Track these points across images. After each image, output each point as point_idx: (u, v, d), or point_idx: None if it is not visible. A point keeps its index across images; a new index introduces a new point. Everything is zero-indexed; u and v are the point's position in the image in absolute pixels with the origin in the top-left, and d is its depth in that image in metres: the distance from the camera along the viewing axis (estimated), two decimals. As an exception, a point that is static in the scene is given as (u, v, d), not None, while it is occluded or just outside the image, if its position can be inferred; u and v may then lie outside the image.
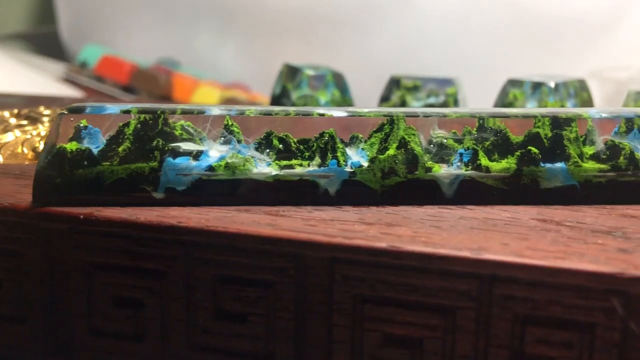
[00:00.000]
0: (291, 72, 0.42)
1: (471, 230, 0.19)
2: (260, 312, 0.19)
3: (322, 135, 0.22)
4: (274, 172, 0.21)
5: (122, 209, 0.20)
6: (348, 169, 0.21)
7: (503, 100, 0.39)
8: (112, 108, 0.21)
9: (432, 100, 0.39)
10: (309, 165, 0.21)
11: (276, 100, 0.42)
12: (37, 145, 0.29)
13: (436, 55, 0.91)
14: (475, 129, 0.22)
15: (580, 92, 0.39)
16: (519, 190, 0.22)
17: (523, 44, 0.86)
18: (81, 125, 0.21)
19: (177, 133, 0.21)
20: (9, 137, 0.30)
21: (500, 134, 0.22)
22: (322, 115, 0.22)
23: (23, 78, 0.86)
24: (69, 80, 0.95)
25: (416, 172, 0.21)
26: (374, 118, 0.22)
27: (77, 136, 0.21)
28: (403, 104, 0.40)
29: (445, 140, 0.22)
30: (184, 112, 0.22)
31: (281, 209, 0.21)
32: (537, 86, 0.38)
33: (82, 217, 0.20)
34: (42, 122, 0.30)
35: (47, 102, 0.38)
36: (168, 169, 0.21)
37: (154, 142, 0.21)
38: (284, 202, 0.21)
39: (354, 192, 0.21)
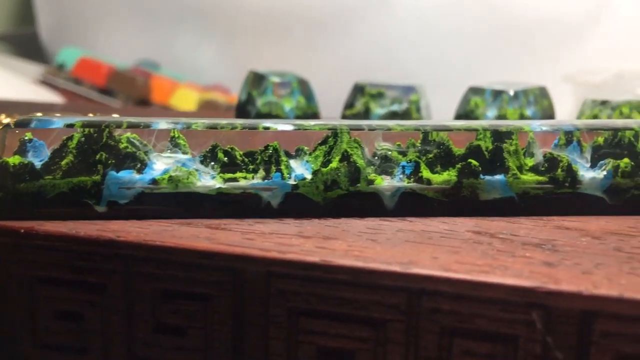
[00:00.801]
0: (256, 79, 0.42)
1: (405, 244, 0.19)
2: (198, 325, 0.19)
3: (266, 148, 0.22)
4: (218, 185, 0.21)
5: (63, 222, 0.20)
6: (291, 182, 0.22)
7: (464, 107, 0.39)
8: (58, 122, 0.22)
9: (395, 107, 0.40)
10: (253, 178, 0.22)
11: (242, 107, 0.42)
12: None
13: (412, 57, 0.91)
14: (419, 142, 0.23)
15: (540, 99, 0.40)
16: (459, 202, 0.22)
17: (499, 47, 0.87)
18: (26, 138, 0.21)
19: (122, 146, 0.21)
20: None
21: (443, 147, 0.22)
22: (267, 128, 0.22)
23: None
24: (47, 83, 0.94)
25: (358, 185, 0.22)
26: (319, 131, 0.22)
27: (21, 150, 0.21)
28: (367, 110, 0.40)
29: (389, 153, 0.22)
30: (130, 126, 0.22)
31: (223, 222, 0.21)
32: (497, 94, 0.38)
33: (22, 231, 0.20)
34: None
35: (16, 108, 0.38)
36: (111, 182, 0.21)
37: (97, 156, 0.21)
38: (227, 215, 0.21)
39: (297, 204, 0.21)
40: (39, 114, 0.23)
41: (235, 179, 0.22)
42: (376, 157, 0.22)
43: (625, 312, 0.16)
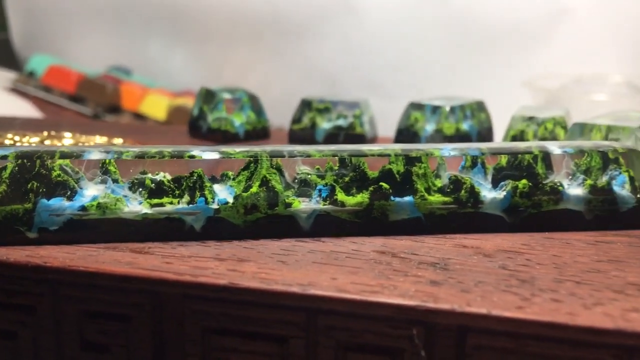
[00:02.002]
0: (208, 95, 0.43)
1: (312, 265, 0.21)
2: (121, 344, 0.21)
3: (191, 174, 0.24)
4: (144, 211, 0.23)
5: (-4, 249, 0.22)
6: (214, 206, 0.23)
7: (405, 122, 0.41)
8: (-8, 152, 0.23)
9: (341, 121, 0.42)
10: (178, 202, 0.23)
11: (194, 121, 0.44)
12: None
13: (377, 62, 0.93)
14: (336, 166, 0.24)
15: (477, 113, 0.42)
16: (370, 222, 0.24)
17: (460, 53, 0.89)
18: (-37, 168, 0.23)
19: (54, 174, 0.23)
20: None
21: (359, 170, 0.24)
22: (192, 157, 0.24)
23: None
24: (17, 90, 0.95)
25: (276, 208, 0.23)
26: (241, 159, 0.24)
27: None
28: (313, 125, 0.42)
29: (308, 177, 0.24)
30: (63, 156, 0.23)
31: (148, 245, 0.22)
32: (435, 109, 0.40)
33: (-43, 257, 0.21)
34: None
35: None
36: (41, 210, 0.22)
37: (29, 185, 0.23)
38: (152, 239, 0.23)
39: (218, 227, 0.23)
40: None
41: (161, 204, 0.23)
42: (296, 181, 0.24)
43: (494, 327, 0.18)
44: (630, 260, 0.22)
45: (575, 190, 0.25)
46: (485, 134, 0.42)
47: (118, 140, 0.39)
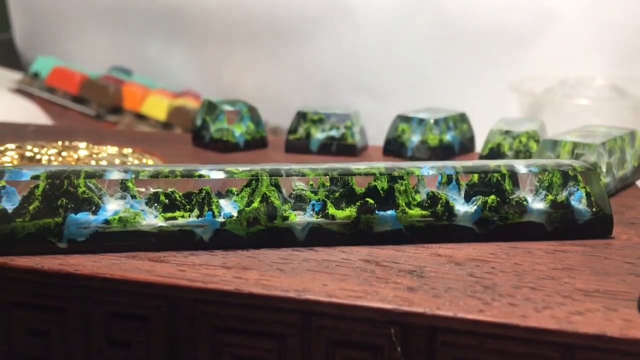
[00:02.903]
0: (210, 107, 0.47)
1: (306, 273, 0.24)
2: (141, 340, 0.24)
3: (200, 191, 0.27)
4: (160, 224, 0.26)
5: (31, 257, 0.25)
6: (220, 219, 0.27)
7: (393, 133, 0.45)
8: (26, 174, 0.26)
9: (333, 132, 0.45)
10: (189, 216, 0.27)
11: (197, 131, 0.47)
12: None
13: (371, 62, 0.96)
14: (328, 183, 0.28)
15: (460, 124, 0.45)
16: (357, 234, 0.27)
17: (452, 56, 0.92)
18: (0, 185, 0.26)
19: (80, 191, 0.26)
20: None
21: (347, 187, 0.28)
22: (201, 176, 0.27)
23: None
24: (21, 91, 0.98)
25: (275, 221, 0.27)
26: (243, 178, 0.27)
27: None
28: (308, 135, 0.45)
29: (303, 192, 0.27)
30: (88, 176, 0.26)
31: (163, 254, 0.26)
32: (421, 121, 0.44)
33: (-2, 265, 0.25)
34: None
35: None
36: (70, 223, 0.26)
37: (59, 201, 0.26)
38: (167, 248, 0.26)
39: (224, 238, 0.26)
40: (10, 165, 0.27)
41: (175, 218, 0.26)
42: (292, 196, 0.27)
43: (458, 327, 0.21)
44: (582, 268, 0.25)
45: (537, 204, 0.28)
46: (467, 144, 0.45)
47: (127, 150, 0.42)
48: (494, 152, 0.40)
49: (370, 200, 0.27)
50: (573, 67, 0.88)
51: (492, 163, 0.29)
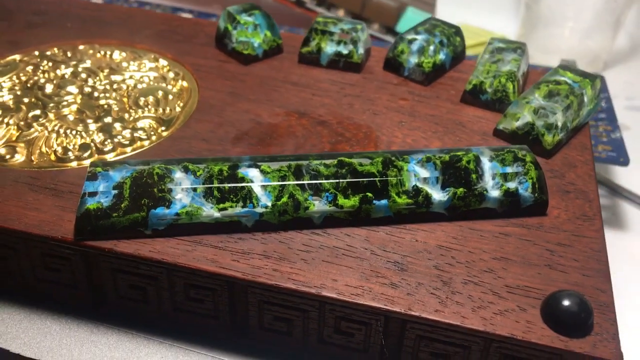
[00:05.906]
0: (230, 17, 0.52)
1: (322, 265, 0.35)
2: (210, 300, 0.36)
3: (242, 188, 0.36)
4: (215, 215, 0.36)
5: (129, 242, 0.35)
6: (259, 210, 0.36)
7: (393, 51, 0.51)
8: (114, 176, 0.35)
9: (341, 47, 0.51)
10: (235, 207, 0.36)
11: (220, 38, 0.53)
12: (53, 144, 0.42)
13: None
14: (342, 170, 0.37)
15: (453, 39, 0.51)
16: (359, 219, 0.37)
17: None
18: (99, 190, 0.35)
19: (156, 190, 0.35)
20: (33, 133, 0.43)
21: (353, 177, 0.37)
22: (242, 178, 0.36)
23: None
24: None
25: (299, 212, 0.37)
26: (275, 181, 0.36)
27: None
28: (319, 50, 0.51)
29: (320, 184, 0.37)
30: (159, 179, 0.36)
31: (220, 238, 0.36)
32: (419, 48, 0.50)
33: (106, 249, 0.35)
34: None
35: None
36: (152, 216, 0.35)
37: (142, 200, 0.35)
38: (222, 233, 0.36)
39: (262, 224, 0.36)
40: (99, 167, 0.36)
41: (225, 209, 0.36)
42: (312, 187, 0.37)
43: (421, 322, 0.33)
44: (514, 258, 0.36)
45: (494, 192, 0.38)
46: (459, 56, 0.52)
47: (163, 62, 0.49)
48: (476, 89, 0.47)
49: (370, 194, 0.37)
50: None
51: (465, 158, 0.38)
